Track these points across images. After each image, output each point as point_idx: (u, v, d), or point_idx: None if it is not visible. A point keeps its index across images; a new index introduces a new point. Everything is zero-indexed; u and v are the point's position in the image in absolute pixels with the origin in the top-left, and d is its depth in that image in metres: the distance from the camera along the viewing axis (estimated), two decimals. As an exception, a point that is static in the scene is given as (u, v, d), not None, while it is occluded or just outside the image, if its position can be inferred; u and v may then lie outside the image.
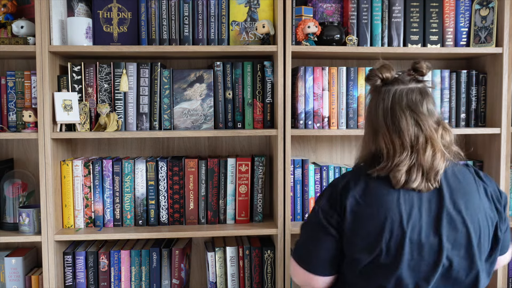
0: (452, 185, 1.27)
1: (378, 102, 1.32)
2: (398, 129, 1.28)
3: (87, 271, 1.90)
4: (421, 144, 1.26)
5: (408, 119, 1.28)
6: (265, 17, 1.92)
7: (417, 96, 1.31)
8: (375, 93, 1.35)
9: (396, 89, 1.32)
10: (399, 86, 1.32)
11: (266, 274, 1.94)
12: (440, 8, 1.98)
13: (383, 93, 1.32)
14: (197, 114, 1.91)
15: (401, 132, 1.27)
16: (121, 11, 1.88)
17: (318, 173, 2.01)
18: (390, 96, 1.31)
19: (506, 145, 1.95)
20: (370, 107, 1.36)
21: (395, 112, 1.29)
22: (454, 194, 1.26)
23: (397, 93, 1.31)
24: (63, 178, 1.89)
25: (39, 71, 1.77)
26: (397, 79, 1.34)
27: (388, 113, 1.30)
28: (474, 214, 1.26)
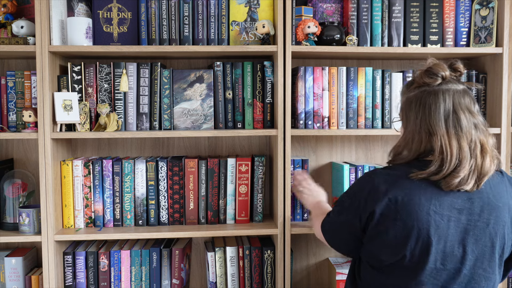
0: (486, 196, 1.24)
1: (438, 102, 1.26)
2: (459, 133, 1.23)
3: (87, 271, 1.90)
4: (479, 149, 1.23)
5: (469, 122, 1.24)
6: (265, 17, 1.92)
7: (470, 98, 1.28)
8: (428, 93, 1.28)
9: (454, 90, 1.27)
10: (453, 86, 1.28)
11: (266, 274, 1.94)
12: (440, 8, 1.98)
13: (442, 93, 1.26)
14: (197, 114, 1.91)
15: (461, 137, 1.23)
16: (121, 11, 1.88)
17: (353, 173, 1.99)
18: (451, 97, 1.26)
19: (506, 145, 1.95)
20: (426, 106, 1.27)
21: (458, 114, 1.24)
22: (485, 206, 1.24)
23: (455, 94, 1.26)
24: (63, 178, 1.89)
25: (39, 71, 1.77)
26: (450, 79, 1.30)
27: (450, 115, 1.25)
28: (501, 228, 1.24)
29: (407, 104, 1.33)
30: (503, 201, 1.26)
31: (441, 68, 1.29)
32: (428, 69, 1.31)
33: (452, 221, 1.22)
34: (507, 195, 1.28)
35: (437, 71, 1.29)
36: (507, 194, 1.28)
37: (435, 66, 1.30)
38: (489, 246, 1.24)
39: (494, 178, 1.27)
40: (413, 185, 1.23)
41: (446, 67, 1.30)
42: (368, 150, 2.20)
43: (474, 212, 1.23)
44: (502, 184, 1.29)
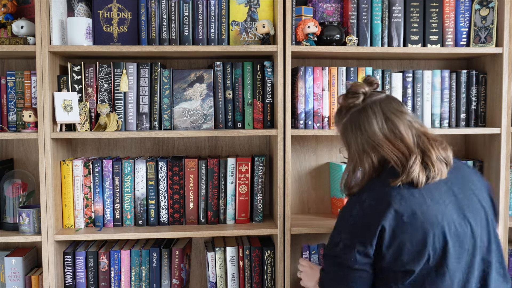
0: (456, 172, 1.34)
1: (369, 116, 1.33)
2: (400, 136, 1.31)
3: (87, 271, 1.90)
4: (424, 141, 1.31)
5: (404, 122, 1.32)
6: (265, 17, 1.92)
7: (395, 101, 1.37)
8: (357, 113, 1.35)
9: (378, 99, 1.35)
10: (377, 97, 1.35)
11: (266, 274, 1.94)
12: (440, 8, 1.98)
13: (369, 107, 1.34)
14: (197, 114, 1.91)
15: (403, 137, 1.30)
16: (121, 11, 1.87)
17: None
18: (378, 107, 1.33)
19: (506, 145, 1.95)
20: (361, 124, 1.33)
21: (391, 119, 1.32)
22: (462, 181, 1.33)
23: (381, 103, 1.34)
24: (63, 178, 1.89)
25: (39, 71, 1.77)
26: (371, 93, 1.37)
27: (384, 123, 1.32)
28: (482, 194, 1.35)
29: (344, 130, 1.39)
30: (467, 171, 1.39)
31: (359, 86, 1.37)
32: (348, 91, 1.39)
33: (449, 205, 1.28)
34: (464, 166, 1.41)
35: (356, 89, 1.36)
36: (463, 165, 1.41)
37: (353, 86, 1.38)
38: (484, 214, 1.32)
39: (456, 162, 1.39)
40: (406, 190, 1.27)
41: (364, 84, 1.38)
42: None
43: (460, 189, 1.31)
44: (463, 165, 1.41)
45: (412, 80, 1.99)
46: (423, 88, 2.00)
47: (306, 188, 2.18)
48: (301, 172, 2.17)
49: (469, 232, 1.27)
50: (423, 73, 2.00)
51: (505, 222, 1.96)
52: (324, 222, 1.99)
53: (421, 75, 2.00)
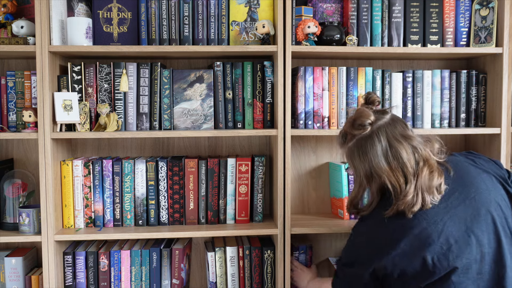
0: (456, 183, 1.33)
1: (374, 144, 1.34)
2: (401, 164, 1.32)
3: (87, 271, 1.90)
4: (420, 168, 1.31)
5: (407, 149, 1.32)
6: (265, 17, 1.92)
7: (400, 123, 1.37)
8: (363, 142, 1.36)
9: (384, 124, 1.35)
10: (382, 122, 1.36)
11: (266, 274, 1.94)
12: (440, 8, 1.98)
13: (375, 136, 1.34)
14: (197, 114, 1.91)
15: (404, 166, 1.31)
16: (121, 11, 1.87)
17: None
18: (384, 134, 1.34)
19: (506, 145, 1.95)
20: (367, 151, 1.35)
21: (394, 147, 1.33)
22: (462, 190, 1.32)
23: (387, 129, 1.34)
24: (63, 178, 1.89)
25: (39, 71, 1.77)
26: (376, 117, 1.37)
27: (388, 151, 1.33)
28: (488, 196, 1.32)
29: (350, 154, 1.41)
30: (471, 175, 1.35)
31: (365, 116, 1.36)
32: (353, 122, 1.38)
33: (447, 222, 1.28)
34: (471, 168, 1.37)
35: (362, 121, 1.36)
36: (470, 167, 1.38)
37: (359, 117, 1.37)
38: (490, 218, 1.30)
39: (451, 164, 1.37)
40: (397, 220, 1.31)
41: (370, 112, 1.37)
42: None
43: (458, 200, 1.31)
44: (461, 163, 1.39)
45: (412, 80, 1.99)
46: (423, 88, 2.00)
47: (306, 188, 2.18)
48: (301, 172, 2.17)
49: (474, 242, 1.27)
50: (423, 73, 2.00)
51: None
52: (324, 222, 1.99)
53: (421, 75, 2.00)
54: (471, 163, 1.41)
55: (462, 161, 1.41)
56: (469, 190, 1.32)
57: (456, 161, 1.41)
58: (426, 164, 1.32)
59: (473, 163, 1.40)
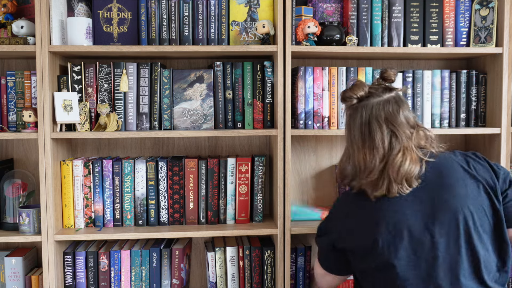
0: (434, 179, 1.31)
1: (356, 119, 1.36)
2: (373, 144, 1.32)
3: (87, 271, 1.90)
4: (394, 154, 1.30)
5: (384, 132, 1.32)
6: (265, 17, 1.92)
7: (394, 106, 1.35)
8: (352, 111, 1.39)
9: (373, 102, 1.35)
10: (374, 99, 1.36)
11: (266, 274, 1.94)
12: (440, 8, 1.98)
13: (360, 109, 1.36)
14: (197, 114, 1.91)
15: (375, 147, 1.32)
16: (121, 11, 1.88)
17: None
18: (368, 111, 1.35)
19: (506, 145, 1.95)
20: (349, 124, 1.39)
21: (371, 126, 1.33)
22: (436, 189, 1.30)
23: (374, 107, 1.34)
24: (63, 178, 1.89)
25: (39, 71, 1.77)
26: (371, 93, 1.37)
27: (366, 127, 1.34)
28: (463, 201, 1.28)
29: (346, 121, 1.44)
30: (455, 177, 1.31)
31: (355, 90, 1.37)
32: (344, 93, 1.40)
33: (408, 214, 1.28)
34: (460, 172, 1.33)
35: (350, 95, 1.38)
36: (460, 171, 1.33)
37: (350, 90, 1.38)
38: (455, 223, 1.27)
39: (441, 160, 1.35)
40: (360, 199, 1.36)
41: (363, 87, 1.38)
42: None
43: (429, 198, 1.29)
44: (454, 164, 1.35)
45: (412, 80, 1.99)
46: (423, 88, 2.00)
47: (306, 188, 2.18)
48: (301, 172, 2.17)
49: (428, 242, 1.27)
50: (423, 73, 2.00)
51: (505, 222, 1.96)
52: (324, 222, 1.99)
53: (421, 75, 2.00)
54: (463, 165, 1.35)
55: (452, 161, 1.36)
56: (444, 191, 1.30)
57: (446, 159, 1.36)
58: (403, 152, 1.30)
59: (466, 166, 1.35)
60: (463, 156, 1.39)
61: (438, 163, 1.34)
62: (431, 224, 1.27)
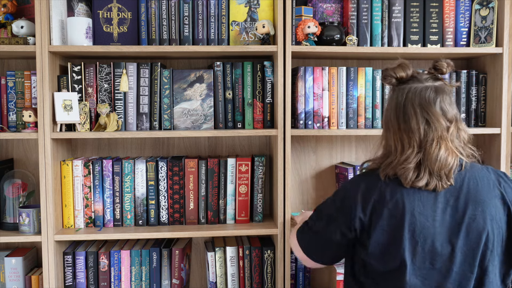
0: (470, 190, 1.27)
1: (392, 99, 1.33)
2: (408, 128, 1.27)
3: (87, 271, 1.90)
4: (429, 142, 1.25)
5: (418, 118, 1.27)
6: (265, 17, 1.92)
7: (431, 94, 1.29)
8: (391, 93, 1.36)
9: (410, 87, 1.31)
10: (413, 84, 1.31)
11: (266, 274, 1.94)
12: (440, 8, 1.98)
13: (397, 91, 1.32)
14: (197, 114, 1.91)
15: (411, 131, 1.27)
16: (121, 11, 1.88)
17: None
18: (404, 94, 1.30)
19: (506, 145, 1.95)
20: (387, 106, 1.36)
21: (406, 110, 1.29)
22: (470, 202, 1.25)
23: (411, 91, 1.30)
24: (63, 178, 1.89)
25: (39, 71, 1.77)
26: (414, 77, 1.33)
27: (401, 111, 1.30)
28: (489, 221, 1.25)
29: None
30: (488, 196, 1.27)
31: (397, 69, 1.33)
32: (385, 70, 1.36)
33: (437, 221, 1.24)
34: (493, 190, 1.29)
35: (388, 73, 1.34)
36: (494, 188, 1.29)
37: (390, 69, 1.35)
38: (478, 242, 1.24)
39: (478, 173, 1.30)
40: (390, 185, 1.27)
41: (406, 68, 1.33)
42: (368, 150, 2.20)
43: (459, 209, 1.25)
44: (486, 178, 1.30)
45: (412, 80, 1.99)
46: (423, 88, 2.00)
47: (306, 188, 2.18)
48: (301, 172, 2.17)
49: (447, 254, 1.23)
50: (423, 73, 2.00)
51: (505, 222, 1.96)
52: (324, 222, 1.99)
53: (421, 75, 1.99)
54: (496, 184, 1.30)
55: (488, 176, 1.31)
56: (476, 206, 1.25)
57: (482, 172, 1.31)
58: (437, 141, 1.25)
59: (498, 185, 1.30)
60: (495, 174, 1.33)
61: (475, 173, 1.29)
62: (455, 237, 1.23)
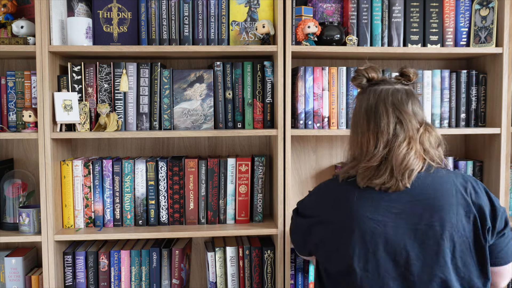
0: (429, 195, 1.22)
1: (363, 101, 1.32)
2: (377, 128, 1.26)
3: (87, 271, 1.90)
4: (399, 142, 1.23)
5: (390, 118, 1.25)
6: (265, 17, 1.92)
7: (403, 95, 1.29)
8: (360, 94, 1.36)
9: (382, 88, 1.31)
10: (385, 86, 1.32)
11: (266, 274, 1.94)
12: (440, 8, 1.98)
13: (368, 93, 1.32)
14: (197, 114, 1.91)
15: (379, 131, 1.25)
16: (121, 11, 1.88)
17: None
18: (376, 94, 1.30)
19: (506, 145, 1.95)
20: (356, 106, 1.36)
21: (378, 109, 1.27)
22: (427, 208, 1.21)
23: (383, 92, 1.30)
24: (63, 178, 1.89)
25: (39, 71, 1.77)
26: (384, 79, 1.34)
27: (372, 111, 1.28)
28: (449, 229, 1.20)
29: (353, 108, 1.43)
30: (449, 202, 1.22)
31: (368, 70, 1.34)
32: (356, 72, 1.37)
33: (388, 227, 1.21)
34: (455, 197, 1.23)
35: (360, 72, 1.35)
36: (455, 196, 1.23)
37: (362, 70, 1.35)
38: (435, 250, 1.20)
39: (442, 178, 1.25)
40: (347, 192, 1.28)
41: (376, 70, 1.34)
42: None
43: (415, 215, 1.21)
44: (449, 184, 1.24)
45: (412, 80, 1.99)
46: (423, 88, 2.00)
47: (306, 188, 2.18)
48: (301, 172, 2.17)
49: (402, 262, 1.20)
50: (423, 73, 2.00)
51: (505, 222, 1.96)
52: (324, 222, 1.99)
53: (421, 75, 2.00)
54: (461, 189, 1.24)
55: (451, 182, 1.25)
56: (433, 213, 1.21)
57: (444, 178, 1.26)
58: (408, 142, 1.23)
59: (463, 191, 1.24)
60: (463, 180, 1.27)
61: (438, 179, 1.24)
62: (410, 244, 1.20)
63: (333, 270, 1.30)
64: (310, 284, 1.97)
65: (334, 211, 1.29)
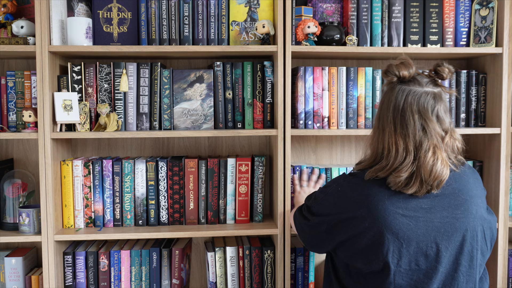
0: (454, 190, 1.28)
1: (391, 99, 1.30)
2: (406, 133, 1.26)
3: (87, 271, 1.90)
4: (424, 151, 1.24)
5: (416, 124, 1.26)
6: (265, 17, 1.92)
7: (430, 101, 1.28)
8: (390, 89, 1.33)
9: (410, 90, 1.29)
10: (414, 87, 1.29)
11: (266, 274, 1.94)
12: (440, 8, 1.98)
13: (397, 92, 1.30)
14: (197, 114, 1.91)
15: (407, 136, 1.26)
16: (121, 11, 1.88)
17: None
18: (403, 97, 1.28)
19: (506, 145, 1.95)
20: (383, 101, 1.33)
21: (405, 114, 1.27)
22: (452, 202, 1.27)
23: (410, 94, 1.28)
24: (63, 178, 1.89)
25: (39, 71, 1.77)
26: (415, 79, 1.31)
27: (399, 113, 1.28)
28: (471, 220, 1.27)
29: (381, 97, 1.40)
30: (470, 194, 1.29)
31: (400, 67, 1.30)
32: (388, 66, 1.33)
33: (420, 221, 1.24)
34: (474, 186, 1.32)
35: (392, 69, 1.31)
36: (474, 185, 1.32)
37: (394, 65, 1.32)
38: (461, 241, 1.26)
39: (464, 173, 1.32)
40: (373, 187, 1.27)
41: (409, 68, 1.30)
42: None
43: (443, 209, 1.26)
44: (465, 176, 1.32)
45: (412, 80, 1.99)
46: (423, 88, 2.00)
47: (306, 188, 2.18)
48: (301, 172, 2.17)
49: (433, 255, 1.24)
50: (423, 73, 2.00)
51: (505, 222, 1.96)
52: (324, 222, 1.99)
53: (421, 75, 2.00)
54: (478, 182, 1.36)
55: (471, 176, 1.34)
56: (459, 207, 1.27)
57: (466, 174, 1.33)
58: (433, 151, 1.24)
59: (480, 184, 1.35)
60: (475, 172, 1.37)
61: (461, 174, 1.31)
62: (439, 238, 1.24)
63: (360, 267, 1.30)
64: (310, 284, 1.97)
65: (363, 208, 1.27)
